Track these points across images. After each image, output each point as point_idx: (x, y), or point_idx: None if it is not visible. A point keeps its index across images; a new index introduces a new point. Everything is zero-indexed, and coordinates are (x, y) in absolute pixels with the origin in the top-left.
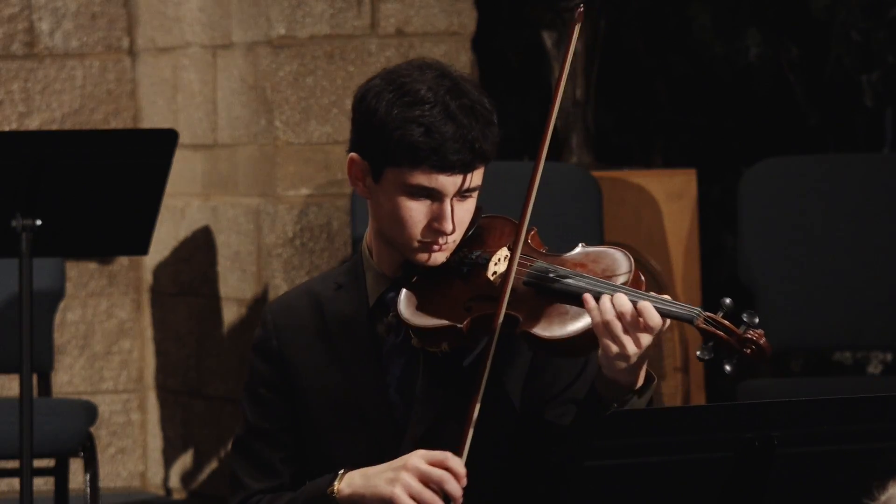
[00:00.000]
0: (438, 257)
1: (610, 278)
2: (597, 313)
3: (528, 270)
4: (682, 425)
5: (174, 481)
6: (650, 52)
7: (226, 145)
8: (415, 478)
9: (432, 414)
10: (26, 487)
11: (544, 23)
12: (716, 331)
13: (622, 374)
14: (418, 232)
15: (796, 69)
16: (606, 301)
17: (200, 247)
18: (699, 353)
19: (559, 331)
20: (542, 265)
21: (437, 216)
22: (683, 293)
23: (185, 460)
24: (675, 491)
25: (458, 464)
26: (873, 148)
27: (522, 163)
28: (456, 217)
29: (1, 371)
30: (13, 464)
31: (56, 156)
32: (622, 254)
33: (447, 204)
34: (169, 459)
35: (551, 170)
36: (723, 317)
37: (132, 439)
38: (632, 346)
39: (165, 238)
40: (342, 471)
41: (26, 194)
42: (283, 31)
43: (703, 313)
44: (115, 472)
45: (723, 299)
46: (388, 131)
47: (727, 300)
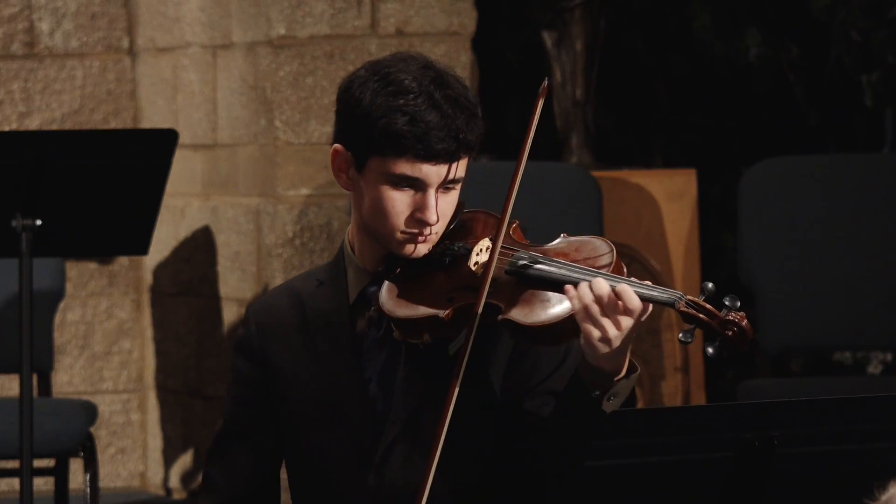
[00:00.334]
0: (421, 249)
1: (592, 266)
2: (576, 299)
3: (509, 260)
4: (682, 425)
5: (174, 481)
6: (650, 52)
7: (226, 145)
8: None
9: (413, 406)
10: (26, 487)
11: (544, 23)
12: (697, 314)
13: (605, 360)
14: (401, 222)
15: (796, 69)
16: (585, 286)
17: (200, 247)
18: (681, 336)
19: (540, 317)
20: (524, 254)
21: (421, 206)
22: (683, 293)
23: (185, 460)
24: (675, 491)
25: None
26: (873, 148)
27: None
28: (439, 208)
29: (1, 371)
30: (13, 464)
31: (56, 156)
32: (603, 242)
33: (431, 194)
34: (169, 459)
35: (551, 170)
36: (705, 300)
37: (132, 439)
38: (613, 330)
39: (165, 238)
40: None
41: (26, 194)
42: (283, 31)
43: (685, 297)
44: (115, 472)
45: (705, 283)
46: (372, 120)
47: (709, 284)
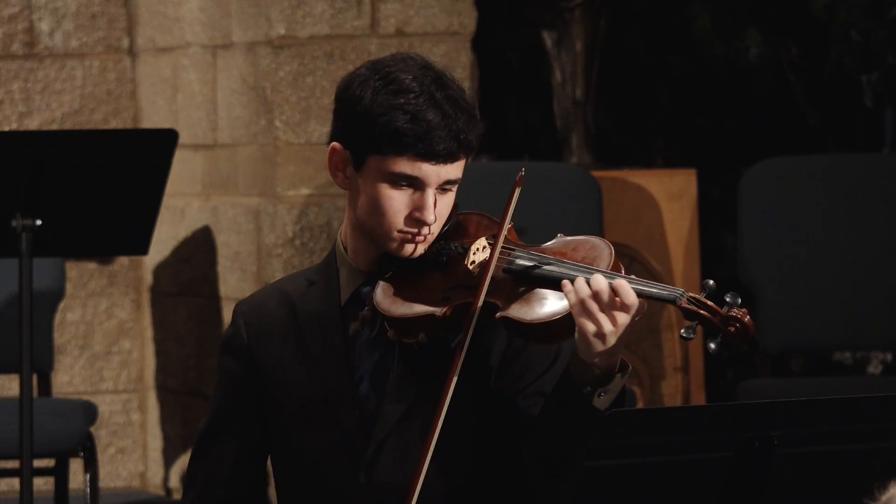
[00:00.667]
0: (418, 249)
1: (590, 265)
2: (573, 293)
3: (507, 258)
4: (682, 425)
5: (174, 481)
6: (650, 52)
7: (226, 145)
8: None
9: (406, 404)
10: (26, 487)
11: (544, 23)
12: (699, 310)
13: (599, 357)
14: (399, 221)
15: (796, 69)
16: (582, 280)
17: (200, 247)
18: (683, 333)
19: (539, 314)
20: (521, 253)
21: (419, 206)
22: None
23: (184, 460)
24: (675, 491)
25: None
26: (873, 148)
27: (522, 163)
28: (436, 209)
29: (1, 371)
30: (13, 464)
31: (56, 156)
32: (601, 241)
33: (429, 193)
34: (169, 459)
35: (551, 170)
36: (706, 297)
37: (132, 439)
38: (608, 325)
39: (165, 238)
40: None
41: (26, 194)
42: (283, 31)
43: (686, 294)
44: (115, 472)
45: (706, 280)
46: (372, 118)
47: (710, 281)
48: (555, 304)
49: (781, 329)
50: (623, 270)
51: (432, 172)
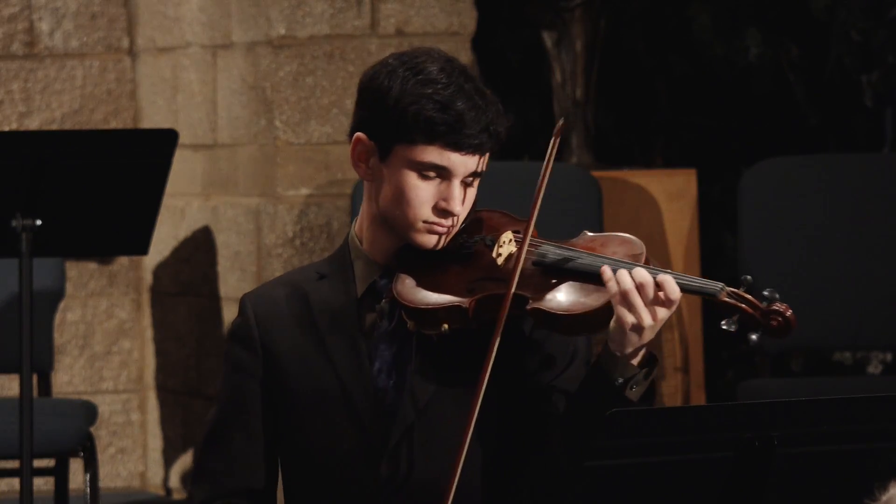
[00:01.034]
0: (441, 240)
1: (624, 259)
2: (614, 284)
3: (536, 250)
4: (682, 425)
5: (174, 481)
6: (650, 52)
7: (226, 145)
8: None
9: (425, 398)
10: (26, 487)
11: (544, 23)
12: (740, 304)
13: (630, 347)
14: (425, 212)
15: (796, 69)
16: (625, 273)
17: (200, 247)
18: (724, 324)
19: (572, 306)
20: (552, 246)
21: (446, 196)
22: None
23: (185, 460)
24: (675, 491)
25: None
26: (873, 148)
27: (522, 163)
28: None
29: (1, 371)
30: (13, 464)
31: (56, 156)
32: (631, 237)
33: (456, 184)
34: (169, 459)
35: (551, 170)
36: (745, 292)
37: (132, 439)
38: (648, 319)
39: (165, 238)
40: None
41: (26, 194)
42: (283, 31)
43: (727, 287)
44: (115, 472)
45: (744, 276)
46: (402, 107)
47: (748, 277)
48: (588, 296)
49: None
50: (652, 266)
51: (460, 163)
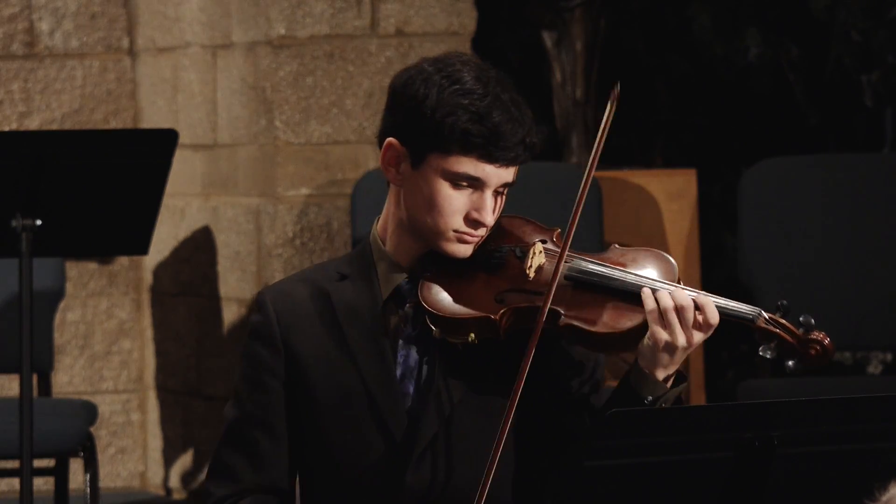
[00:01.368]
0: (468, 249)
1: (657, 277)
2: (653, 303)
3: (569, 265)
4: (682, 425)
5: (174, 481)
6: (650, 52)
7: (226, 145)
8: None
9: (449, 406)
10: (26, 487)
11: (544, 23)
12: (777, 330)
13: (662, 368)
14: (456, 221)
15: (796, 69)
16: (666, 293)
17: (200, 247)
18: (761, 351)
19: (607, 324)
20: (584, 261)
21: (478, 206)
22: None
23: (185, 460)
24: (675, 491)
25: None
26: (873, 148)
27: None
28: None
29: (1, 371)
30: (13, 464)
31: (56, 156)
32: (665, 255)
33: (488, 194)
34: (169, 459)
35: (551, 170)
36: (781, 317)
37: (132, 439)
38: (683, 341)
39: (165, 238)
40: None
41: (26, 194)
42: (283, 31)
43: (764, 314)
44: (115, 472)
45: (780, 301)
46: (439, 117)
47: (784, 302)
48: (623, 315)
49: None
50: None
51: (493, 174)
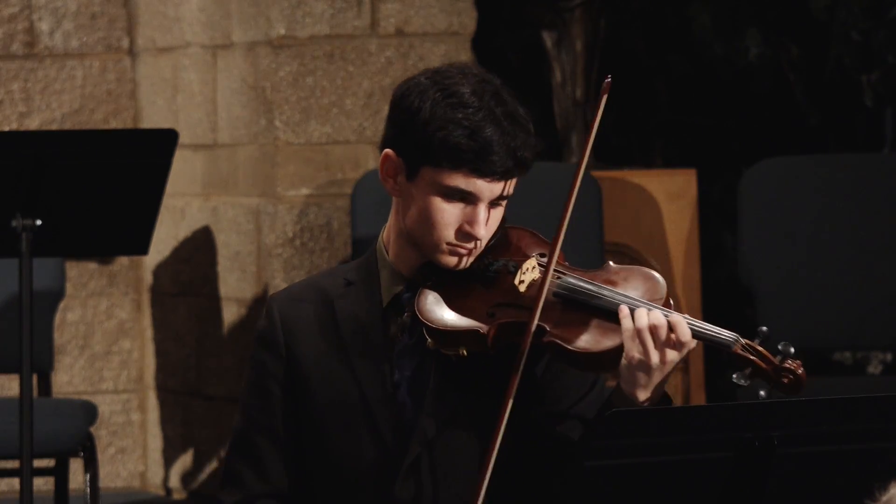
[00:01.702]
0: (463, 261)
1: (642, 297)
2: (629, 322)
3: (558, 282)
4: (682, 425)
5: (174, 481)
6: (650, 52)
7: (226, 145)
8: None
9: (443, 417)
10: (26, 487)
11: (544, 23)
12: (753, 357)
13: (640, 389)
14: (449, 234)
15: (796, 69)
16: (642, 311)
17: (200, 247)
18: (735, 378)
19: (588, 344)
20: (575, 278)
21: (470, 220)
22: (683, 293)
23: (185, 460)
24: (675, 491)
25: None
26: (873, 148)
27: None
28: (487, 223)
29: (1, 371)
30: (13, 464)
31: (56, 156)
32: (656, 273)
33: (481, 208)
34: (169, 459)
35: (551, 170)
36: (759, 344)
37: (132, 439)
38: (656, 359)
39: (165, 238)
40: None
41: (26, 194)
42: (283, 31)
43: (741, 340)
44: (115, 472)
45: (760, 328)
46: (430, 130)
47: (764, 328)
48: (604, 335)
49: (781, 329)
50: (672, 304)
51: (486, 188)
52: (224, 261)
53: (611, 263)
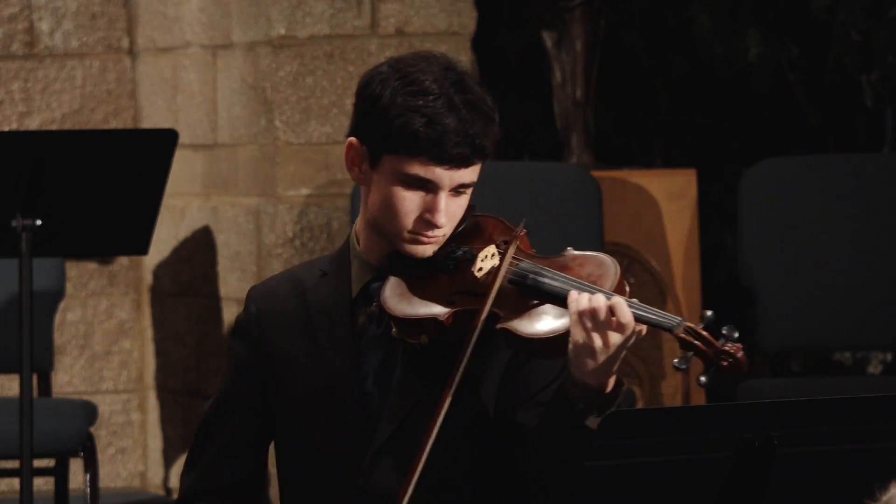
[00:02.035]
0: (427, 250)
1: (595, 283)
2: (573, 303)
3: (513, 269)
4: (682, 425)
5: (174, 481)
6: (650, 52)
7: (226, 145)
8: None
9: (408, 406)
10: (26, 487)
11: (544, 23)
12: (695, 341)
13: (590, 374)
14: (409, 222)
15: (796, 69)
16: (585, 295)
17: (200, 247)
18: (676, 363)
19: (539, 329)
20: (529, 265)
21: (430, 208)
22: (683, 293)
23: (184, 460)
24: (675, 491)
25: None
26: (873, 148)
27: (522, 163)
28: (448, 211)
29: (1, 371)
30: (13, 464)
31: (56, 156)
32: (609, 259)
33: (441, 197)
34: (169, 459)
35: (551, 170)
36: (703, 328)
37: (132, 439)
38: (599, 342)
39: (165, 238)
40: None
41: (26, 194)
42: (283, 31)
43: (684, 323)
44: (115, 472)
45: (704, 311)
46: (389, 118)
47: (708, 312)
48: (554, 320)
49: (781, 329)
50: (628, 290)
51: (445, 176)
52: (224, 261)
53: (570, 250)
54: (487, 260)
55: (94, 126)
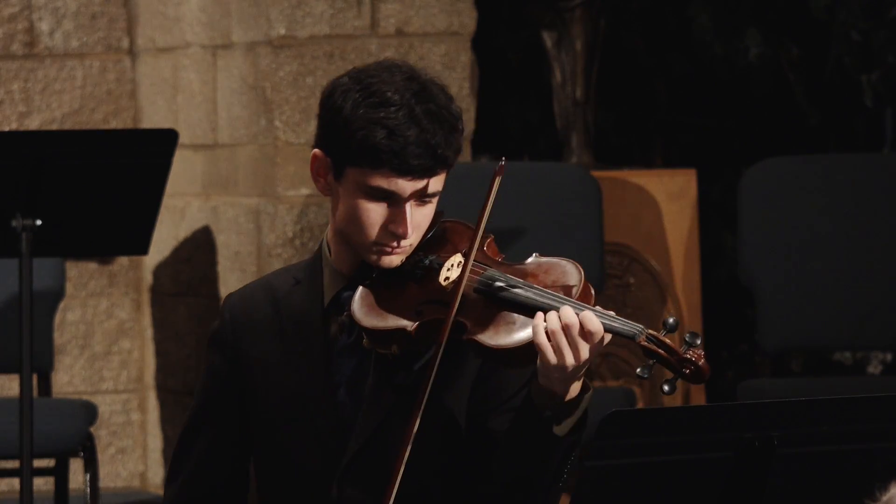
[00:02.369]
0: (393, 260)
1: (559, 289)
2: (541, 325)
3: (478, 278)
4: (682, 425)
5: None
6: (650, 52)
7: (226, 145)
8: None
9: (380, 415)
10: (26, 487)
11: (544, 23)
12: (657, 349)
13: (557, 383)
14: (374, 233)
15: (796, 69)
16: (554, 315)
17: (200, 247)
18: (639, 371)
19: (504, 340)
20: (494, 273)
21: (394, 219)
22: (683, 293)
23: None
24: (675, 491)
25: None
26: (873, 148)
27: (522, 163)
28: (413, 221)
29: (1, 371)
30: (13, 464)
31: (56, 156)
32: (573, 266)
33: (405, 207)
34: (169, 459)
35: (551, 170)
36: (665, 335)
37: (132, 439)
38: (570, 358)
39: (165, 238)
40: None
41: (26, 194)
42: (283, 31)
43: (646, 331)
44: (115, 472)
45: (667, 318)
46: (351, 131)
47: (671, 319)
48: (520, 330)
49: (781, 329)
50: (593, 297)
51: (408, 187)
52: (224, 261)
53: (535, 255)
54: (454, 269)
55: (94, 126)
